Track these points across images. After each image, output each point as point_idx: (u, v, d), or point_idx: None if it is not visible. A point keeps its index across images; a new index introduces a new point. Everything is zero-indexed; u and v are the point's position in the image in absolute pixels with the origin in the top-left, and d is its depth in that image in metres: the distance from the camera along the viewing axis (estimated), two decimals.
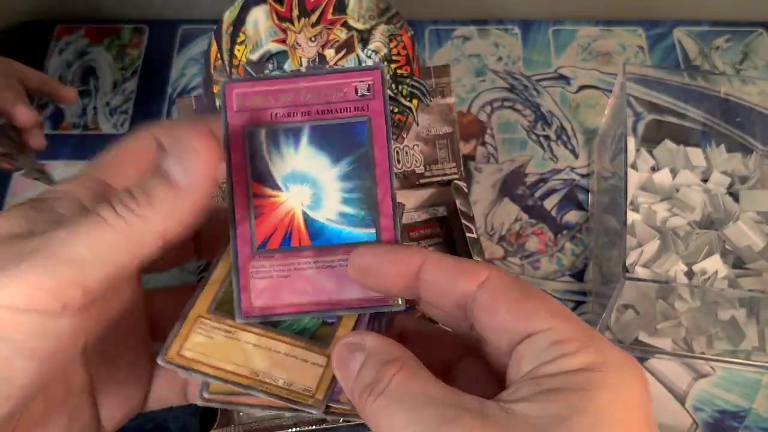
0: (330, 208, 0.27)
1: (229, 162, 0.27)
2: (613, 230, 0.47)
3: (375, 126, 0.27)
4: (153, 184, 0.24)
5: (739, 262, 0.48)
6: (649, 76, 0.54)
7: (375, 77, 0.27)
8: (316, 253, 0.27)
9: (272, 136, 0.27)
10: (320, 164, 0.27)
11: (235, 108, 0.27)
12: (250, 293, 0.27)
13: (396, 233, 0.27)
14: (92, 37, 0.66)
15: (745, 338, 0.45)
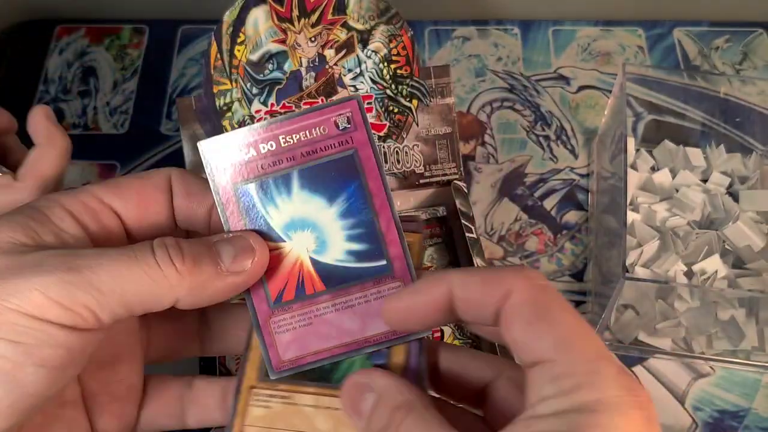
0: (336, 249, 0.27)
1: (226, 223, 0.27)
2: (613, 230, 0.47)
3: (363, 157, 0.27)
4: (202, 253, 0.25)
5: (739, 262, 0.48)
6: (649, 77, 0.54)
7: (353, 108, 0.27)
8: (333, 296, 0.27)
9: (263, 188, 0.27)
10: (317, 206, 0.27)
11: (220, 167, 0.27)
12: (277, 349, 0.27)
13: (407, 260, 0.27)
14: (92, 37, 0.66)
15: (744, 338, 0.45)
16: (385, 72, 0.49)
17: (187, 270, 0.25)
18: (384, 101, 0.49)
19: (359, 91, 0.49)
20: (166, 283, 0.24)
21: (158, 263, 0.24)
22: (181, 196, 0.28)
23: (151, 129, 0.61)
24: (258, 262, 0.26)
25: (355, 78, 0.49)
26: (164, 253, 0.24)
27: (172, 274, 0.24)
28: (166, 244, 0.25)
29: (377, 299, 0.27)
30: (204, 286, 0.25)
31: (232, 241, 0.26)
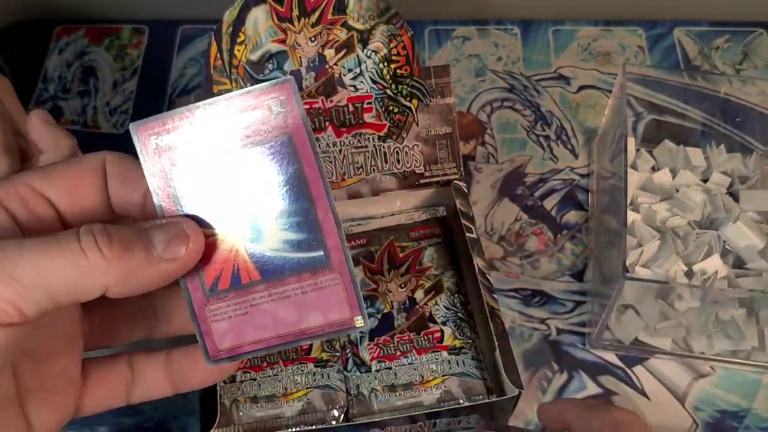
0: (272, 238, 0.27)
1: (160, 207, 0.27)
2: (613, 230, 0.47)
3: (298, 142, 0.26)
4: (132, 239, 0.24)
5: (739, 262, 0.48)
6: (649, 77, 0.54)
7: (286, 91, 0.26)
8: (268, 285, 0.27)
9: (196, 173, 0.26)
10: (253, 193, 0.26)
11: (152, 150, 0.26)
12: (213, 337, 0.27)
13: (344, 251, 0.27)
14: (92, 37, 0.66)
15: (744, 338, 0.45)
16: (385, 72, 0.49)
17: (115, 256, 0.23)
18: (384, 101, 0.49)
19: (359, 90, 0.49)
20: (93, 272, 0.23)
21: (83, 250, 0.23)
22: (116, 181, 0.27)
23: None
24: (192, 249, 0.25)
25: (355, 78, 0.49)
26: (90, 240, 0.23)
27: (99, 262, 0.23)
28: (93, 230, 0.24)
29: (314, 290, 0.27)
30: (134, 274, 0.24)
31: (165, 227, 0.25)
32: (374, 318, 0.46)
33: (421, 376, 0.44)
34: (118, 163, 0.27)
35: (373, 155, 0.50)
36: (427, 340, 0.45)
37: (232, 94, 0.26)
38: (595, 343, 0.48)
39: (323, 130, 0.49)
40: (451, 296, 0.47)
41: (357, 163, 0.50)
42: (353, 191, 0.50)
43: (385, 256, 0.49)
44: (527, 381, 0.48)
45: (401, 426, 0.42)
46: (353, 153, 0.50)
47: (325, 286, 0.27)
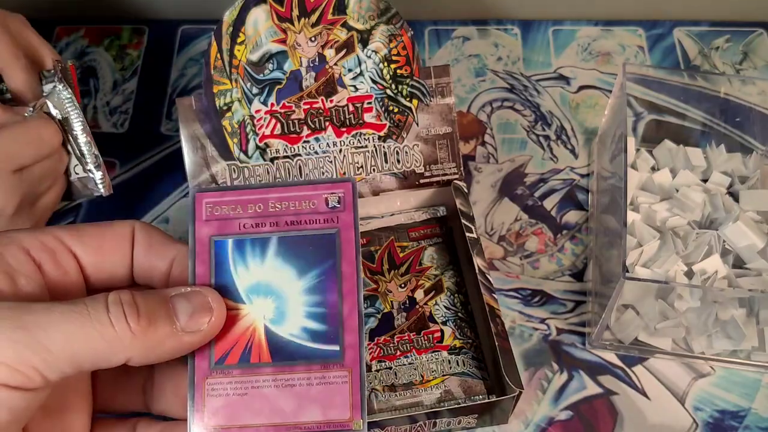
0: (293, 323, 0.27)
1: (193, 273, 0.27)
2: (613, 230, 0.47)
3: (344, 239, 0.27)
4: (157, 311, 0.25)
5: (739, 261, 0.48)
6: (649, 77, 0.54)
7: (346, 189, 0.27)
8: (276, 370, 0.27)
9: (238, 247, 0.27)
10: (286, 276, 0.27)
11: (203, 217, 0.27)
12: (204, 413, 0.26)
13: (361, 351, 0.27)
14: (92, 38, 0.66)
15: (744, 338, 0.45)
16: (385, 72, 0.49)
17: (141, 330, 0.24)
18: (384, 101, 0.49)
19: (359, 90, 0.49)
20: (119, 344, 0.24)
21: (112, 322, 0.23)
22: (143, 249, 0.28)
23: (151, 129, 0.61)
24: (214, 322, 0.26)
25: (355, 78, 0.49)
26: (119, 311, 0.24)
27: (125, 334, 0.24)
28: (121, 301, 0.24)
29: (320, 384, 0.26)
30: (157, 346, 0.25)
31: (189, 297, 0.26)
32: (374, 318, 0.46)
33: (421, 375, 0.44)
34: (147, 231, 0.28)
35: (373, 155, 0.50)
36: (427, 339, 0.45)
37: (294, 181, 0.27)
38: (595, 343, 0.48)
39: (323, 130, 0.49)
40: (451, 296, 0.47)
41: (357, 163, 0.50)
42: None
43: (385, 256, 0.49)
44: (527, 381, 0.48)
45: (401, 426, 0.42)
46: (353, 153, 0.50)
47: (332, 382, 0.26)
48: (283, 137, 0.49)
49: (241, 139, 0.49)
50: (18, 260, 0.25)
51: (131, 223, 0.28)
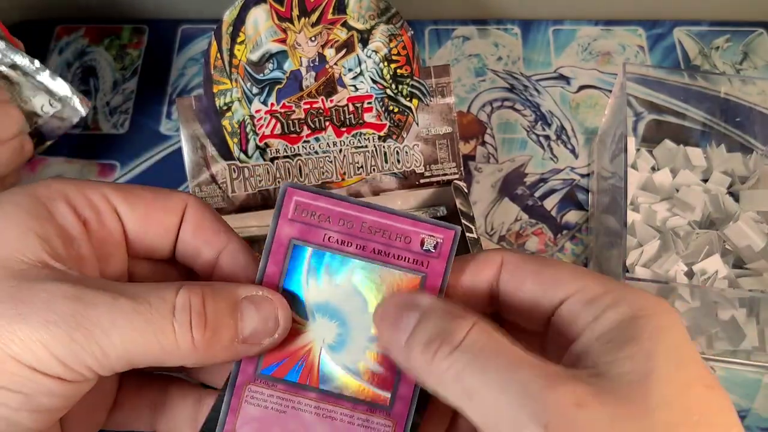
0: (352, 356, 0.25)
1: (263, 271, 0.25)
2: (613, 230, 0.47)
3: (429, 286, 0.25)
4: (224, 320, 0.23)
5: (740, 262, 0.48)
6: (649, 76, 0.54)
7: (446, 237, 0.25)
8: (321, 397, 0.25)
9: (317, 258, 0.25)
10: (357, 305, 0.25)
11: (289, 215, 0.25)
12: (237, 418, 0.25)
13: (411, 407, 0.25)
14: (92, 37, 0.66)
15: (745, 338, 0.45)
16: (386, 71, 0.49)
17: (204, 343, 0.23)
18: (384, 101, 0.49)
19: (359, 90, 0.49)
20: (178, 354, 0.23)
21: (175, 330, 0.22)
22: (192, 229, 0.26)
23: (151, 129, 0.61)
24: (276, 340, 0.24)
25: (355, 78, 0.49)
26: (185, 318, 0.22)
27: (187, 346, 0.23)
28: (190, 306, 0.23)
29: (361, 426, 0.25)
30: (214, 357, 0.23)
31: (259, 305, 0.24)
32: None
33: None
34: (200, 211, 0.26)
35: (373, 155, 0.50)
36: None
37: (396, 210, 0.25)
38: None
39: (323, 130, 0.49)
40: None
41: (357, 163, 0.50)
42: (353, 191, 0.50)
43: None
44: None
45: None
46: (353, 153, 0.50)
47: (374, 428, 0.25)
48: (283, 137, 0.49)
49: (241, 138, 0.49)
50: (68, 220, 0.24)
51: (186, 197, 0.26)
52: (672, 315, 0.21)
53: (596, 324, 0.21)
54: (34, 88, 0.50)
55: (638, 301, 0.21)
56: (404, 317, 0.23)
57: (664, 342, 0.20)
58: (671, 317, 0.21)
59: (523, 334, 0.24)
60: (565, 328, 0.22)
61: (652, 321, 0.21)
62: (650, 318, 0.21)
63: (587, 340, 0.21)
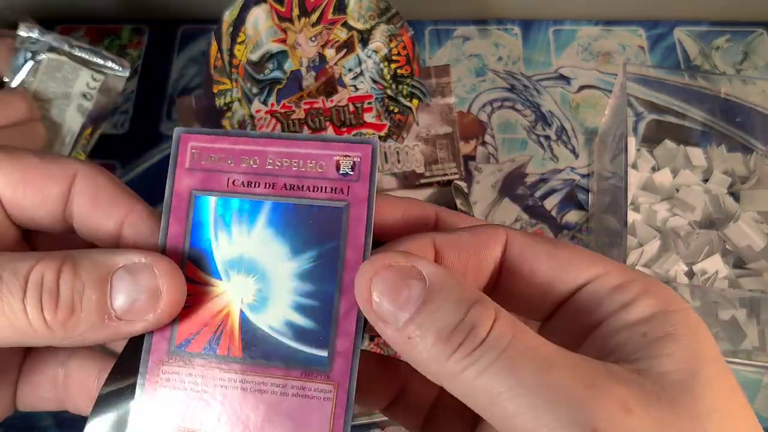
0: (276, 313, 0.22)
1: (165, 232, 0.22)
2: (614, 230, 0.47)
3: (353, 217, 0.22)
4: (87, 297, 0.20)
5: (740, 262, 0.48)
6: (650, 76, 0.53)
7: (364, 153, 0.22)
8: (246, 368, 0.22)
9: (224, 207, 0.22)
10: (276, 254, 0.22)
11: (186, 164, 0.22)
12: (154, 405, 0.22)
13: (353, 363, 0.21)
14: (92, 38, 0.66)
15: (745, 338, 0.45)
16: (386, 72, 0.49)
17: (59, 323, 0.20)
18: (384, 101, 0.49)
19: (359, 90, 0.49)
20: (33, 335, 0.20)
21: (26, 311, 0.20)
22: (87, 201, 0.23)
23: (151, 129, 0.61)
24: (162, 314, 0.21)
25: (355, 78, 0.49)
26: (36, 297, 0.20)
27: (42, 328, 0.20)
28: (42, 284, 0.20)
29: (296, 396, 0.21)
30: (81, 337, 0.20)
31: (136, 276, 0.21)
32: None
33: None
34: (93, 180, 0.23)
35: None
36: None
37: (301, 135, 0.22)
38: None
39: (323, 129, 0.49)
40: None
41: None
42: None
43: None
44: None
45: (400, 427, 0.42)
46: None
47: (312, 396, 0.21)
48: None
49: None
50: None
51: (76, 165, 0.22)
52: (695, 314, 0.20)
53: (626, 312, 0.20)
54: (75, 68, 0.51)
55: (666, 293, 0.20)
56: (405, 288, 0.19)
57: (703, 342, 0.19)
58: (696, 316, 0.20)
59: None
60: (585, 314, 0.20)
61: (685, 317, 0.20)
62: (682, 314, 0.20)
63: (617, 328, 0.20)
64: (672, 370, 0.18)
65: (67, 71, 0.51)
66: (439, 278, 0.19)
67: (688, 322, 0.20)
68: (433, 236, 0.22)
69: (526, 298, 0.22)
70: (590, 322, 0.20)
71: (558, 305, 0.21)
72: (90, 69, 0.51)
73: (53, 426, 0.49)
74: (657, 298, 0.20)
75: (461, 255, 0.21)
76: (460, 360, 0.18)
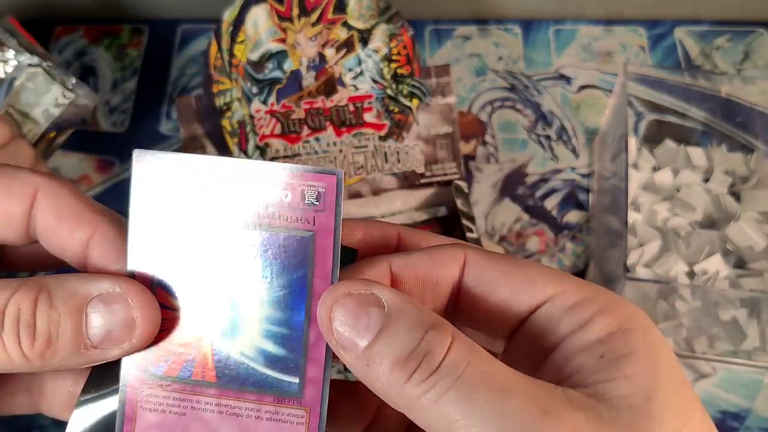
0: (247, 340, 0.22)
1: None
2: (614, 230, 0.47)
3: (319, 246, 0.21)
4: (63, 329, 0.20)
5: (741, 262, 0.48)
6: (650, 76, 0.53)
7: (329, 184, 0.21)
8: (221, 393, 0.22)
9: (193, 229, 0.22)
10: (246, 281, 0.22)
11: (147, 186, 0.22)
12: (135, 426, 0.22)
13: (324, 390, 0.22)
14: (92, 37, 0.66)
15: (746, 338, 0.45)
16: (386, 71, 0.49)
17: (36, 354, 0.20)
18: (384, 100, 0.49)
19: (360, 90, 0.49)
20: (15, 366, 0.20)
21: (4, 343, 0.20)
22: (51, 218, 0.22)
23: (151, 129, 0.61)
24: (137, 343, 0.21)
25: (355, 77, 0.49)
26: (13, 330, 0.20)
27: (19, 359, 0.20)
28: (19, 316, 0.20)
29: (270, 420, 0.22)
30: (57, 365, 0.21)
31: (111, 307, 0.21)
32: None
33: None
34: (54, 198, 0.22)
35: (374, 155, 0.50)
36: None
37: (264, 163, 0.22)
38: None
39: (323, 129, 0.49)
40: None
41: (357, 163, 0.50)
42: (353, 191, 0.50)
43: None
44: None
45: None
46: (353, 153, 0.50)
47: (285, 421, 0.22)
48: (283, 137, 0.49)
49: (241, 138, 0.49)
50: None
51: (37, 181, 0.22)
52: (656, 329, 0.20)
53: (583, 333, 0.19)
54: (48, 81, 0.51)
55: (623, 310, 0.20)
56: (364, 315, 0.19)
57: (659, 361, 0.19)
58: (656, 331, 0.20)
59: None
60: (543, 336, 0.20)
61: (642, 335, 0.19)
62: (640, 332, 0.20)
63: (574, 350, 0.19)
64: (628, 394, 0.18)
65: (40, 83, 0.51)
66: (397, 304, 0.19)
67: (646, 339, 0.19)
68: (390, 259, 0.22)
69: (485, 318, 0.21)
70: (548, 343, 0.20)
71: (517, 325, 0.21)
72: (62, 86, 0.51)
73: (52, 425, 0.49)
74: (614, 316, 0.20)
75: (419, 277, 0.21)
76: (416, 386, 0.18)
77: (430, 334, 0.18)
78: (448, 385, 0.18)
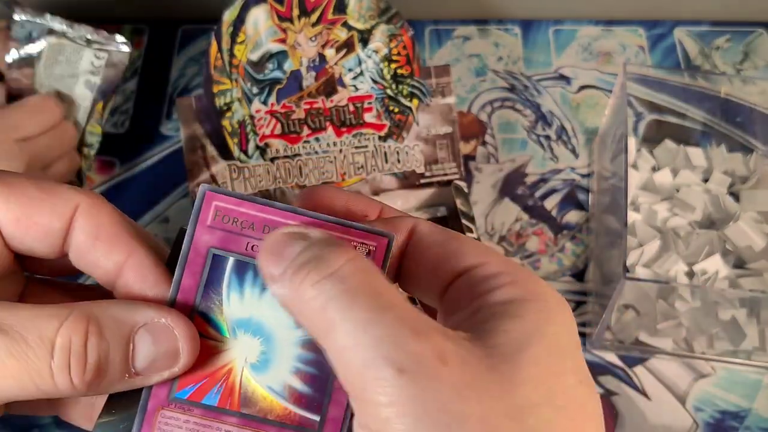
0: (277, 375, 0.23)
1: (177, 284, 0.23)
2: (614, 230, 0.47)
3: None
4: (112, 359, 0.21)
5: (740, 262, 0.48)
6: (650, 76, 0.53)
7: (379, 245, 0.23)
8: (243, 422, 0.23)
9: (239, 270, 0.23)
10: (283, 321, 0.23)
11: (208, 222, 0.23)
12: None
13: (343, 428, 0.23)
14: None
15: (745, 338, 0.45)
16: (386, 71, 0.49)
17: (84, 385, 0.21)
18: (384, 101, 0.49)
19: (360, 90, 0.49)
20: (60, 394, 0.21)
21: (53, 374, 0.20)
22: (87, 238, 0.22)
23: (151, 129, 0.61)
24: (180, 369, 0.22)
25: (355, 78, 0.49)
26: (64, 362, 0.20)
27: (67, 389, 0.20)
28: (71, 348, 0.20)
29: None
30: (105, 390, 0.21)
31: (158, 337, 0.21)
32: None
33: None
34: (94, 217, 0.23)
35: (374, 155, 0.50)
36: None
37: (323, 217, 0.23)
38: (595, 343, 0.48)
39: (323, 129, 0.49)
40: None
41: (357, 163, 0.50)
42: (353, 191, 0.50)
43: None
44: None
45: None
46: (353, 153, 0.50)
47: None
48: (283, 137, 0.49)
49: (241, 138, 0.49)
50: None
51: (77, 198, 0.22)
52: (563, 306, 0.21)
53: (488, 297, 0.21)
54: (77, 48, 0.51)
55: (534, 286, 0.21)
56: (289, 246, 0.21)
57: (546, 328, 0.20)
58: (562, 308, 0.21)
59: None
60: (461, 298, 0.22)
61: (541, 306, 0.20)
62: (540, 303, 0.21)
63: (478, 307, 0.21)
64: (502, 343, 0.19)
65: (69, 53, 0.51)
66: (320, 234, 0.21)
67: (542, 309, 0.20)
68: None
69: (419, 285, 0.23)
70: (463, 304, 0.22)
71: (446, 288, 0.23)
72: (92, 48, 0.51)
73: (52, 425, 0.49)
74: (522, 289, 0.21)
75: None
76: (308, 288, 0.19)
77: (331, 247, 0.20)
78: (335, 292, 0.19)
